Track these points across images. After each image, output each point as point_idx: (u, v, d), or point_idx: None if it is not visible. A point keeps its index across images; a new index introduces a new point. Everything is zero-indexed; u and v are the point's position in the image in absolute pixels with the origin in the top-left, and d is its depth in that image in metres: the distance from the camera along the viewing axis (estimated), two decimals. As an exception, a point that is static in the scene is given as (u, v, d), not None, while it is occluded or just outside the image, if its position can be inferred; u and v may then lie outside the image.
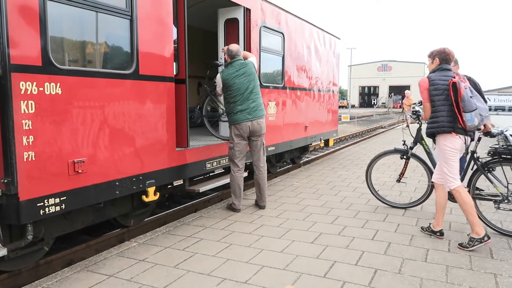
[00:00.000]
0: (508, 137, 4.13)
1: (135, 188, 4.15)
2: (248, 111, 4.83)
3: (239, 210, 5.03)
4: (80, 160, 3.53)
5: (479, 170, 4.13)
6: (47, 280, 3.17)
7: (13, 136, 3.03)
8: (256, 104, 4.90)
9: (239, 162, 4.99)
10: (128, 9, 3.95)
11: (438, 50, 4.00)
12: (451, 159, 3.83)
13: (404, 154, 5.10)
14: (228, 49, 4.92)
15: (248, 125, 4.84)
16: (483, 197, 4.23)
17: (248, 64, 4.92)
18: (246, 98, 4.83)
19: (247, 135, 4.92)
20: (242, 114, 4.81)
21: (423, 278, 3.10)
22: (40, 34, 3.18)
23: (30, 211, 3.17)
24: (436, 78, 3.90)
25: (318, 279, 3.11)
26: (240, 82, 4.81)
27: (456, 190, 3.82)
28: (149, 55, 4.23)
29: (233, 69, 4.84)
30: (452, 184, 3.84)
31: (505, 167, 4.06)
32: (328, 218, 4.71)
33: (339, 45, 10.53)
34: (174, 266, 3.38)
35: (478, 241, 3.66)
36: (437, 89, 3.86)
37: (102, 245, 4.51)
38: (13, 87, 3.01)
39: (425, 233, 4.13)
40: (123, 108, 3.94)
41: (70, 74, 3.47)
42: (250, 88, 4.85)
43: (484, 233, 3.68)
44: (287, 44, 7.39)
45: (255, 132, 4.93)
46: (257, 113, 4.88)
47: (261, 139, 5.08)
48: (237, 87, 4.80)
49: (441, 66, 3.96)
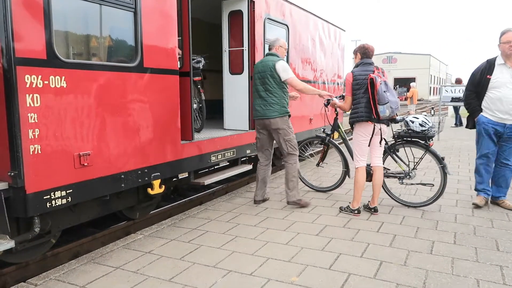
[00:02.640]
0: (408, 122, 4.70)
1: (140, 181, 4.17)
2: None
3: (258, 202, 4.99)
4: (85, 153, 3.54)
5: (385, 151, 4.74)
6: (55, 272, 3.20)
7: (19, 129, 3.04)
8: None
9: (259, 155, 4.97)
10: (132, 2, 3.94)
11: (358, 46, 4.48)
12: (362, 143, 4.41)
13: (323, 140, 5.54)
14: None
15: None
16: (389, 175, 4.87)
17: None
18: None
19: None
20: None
21: (428, 270, 3.10)
22: (44, 28, 3.18)
23: (37, 204, 3.19)
24: (357, 73, 4.34)
25: (323, 271, 3.12)
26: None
27: (358, 168, 4.48)
28: (153, 48, 4.22)
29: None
30: (358, 163, 4.49)
31: (407, 149, 4.77)
32: (333, 210, 4.71)
33: (344, 37, 10.45)
34: (180, 258, 3.40)
35: (350, 211, 4.49)
36: (358, 84, 4.31)
37: (108, 238, 4.55)
38: (19, 80, 3.02)
39: (344, 212, 4.55)
40: (127, 101, 3.95)
41: (75, 67, 3.47)
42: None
43: (356, 208, 4.47)
44: (291, 36, 7.35)
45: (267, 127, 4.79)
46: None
47: (279, 133, 4.76)
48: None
49: (363, 60, 4.41)
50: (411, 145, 4.72)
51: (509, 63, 4.45)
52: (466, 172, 6.74)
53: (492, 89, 4.50)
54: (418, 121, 4.57)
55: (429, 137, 4.57)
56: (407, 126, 4.67)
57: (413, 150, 4.77)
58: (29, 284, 3.00)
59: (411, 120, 4.64)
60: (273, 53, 4.82)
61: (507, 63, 4.46)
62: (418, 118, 4.60)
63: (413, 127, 4.59)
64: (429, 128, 4.56)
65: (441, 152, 8.75)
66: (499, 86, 4.45)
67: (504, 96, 4.41)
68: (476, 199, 4.77)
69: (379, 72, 4.27)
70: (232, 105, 6.36)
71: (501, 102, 4.44)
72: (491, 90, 4.51)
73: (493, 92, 4.49)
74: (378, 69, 4.32)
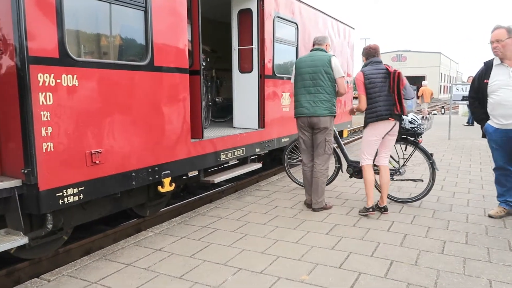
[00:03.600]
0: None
1: (151, 179, 4.20)
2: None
3: (309, 206, 4.69)
4: (97, 151, 3.58)
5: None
6: (67, 268, 3.24)
7: (32, 127, 3.08)
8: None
9: (302, 156, 4.80)
10: (142, 1, 3.96)
11: (363, 48, 4.51)
12: (373, 142, 4.38)
13: None
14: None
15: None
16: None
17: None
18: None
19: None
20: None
21: (440, 270, 3.08)
22: (57, 26, 3.21)
23: (49, 201, 3.23)
24: (369, 72, 4.29)
25: (333, 270, 3.11)
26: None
27: (364, 166, 4.44)
28: (164, 46, 4.24)
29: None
30: (364, 161, 4.44)
31: (396, 146, 4.77)
32: (342, 209, 4.69)
33: (353, 35, 10.39)
34: (190, 256, 3.42)
35: (365, 210, 4.41)
36: (371, 82, 4.26)
37: (119, 235, 4.59)
38: (32, 79, 3.06)
39: (362, 214, 4.44)
40: (138, 99, 3.97)
41: (87, 66, 3.50)
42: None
43: (371, 206, 4.40)
44: (301, 34, 7.33)
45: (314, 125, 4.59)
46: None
47: (325, 133, 4.58)
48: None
49: (372, 59, 4.39)
50: (400, 142, 4.75)
51: (507, 62, 4.02)
52: (477, 172, 6.67)
53: (491, 94, 4.11)
54: (408, 118, 4.58)
55: (418, 134, 4.61)
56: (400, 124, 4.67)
57: (403, 147, 4.83)
58: (42, 280, 3.04)
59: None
60: (323, 49, 4.62)
61: (505, 62, 4.03)
62: (408, 116, 4.61)
63: (403, 125, 4.56)
64: (418, 125, 4.56)
65: (453, 152, 8.73)
66: (497, 89, 4.05)
67: (503, 100, 4.00)
68: (493, 210, 4.41)
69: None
70: (241, 104, 6.37)
71: (502, 106, 4.02)
72: (490, 95, 4.12)
73: (493, 96, 4.09)
74: (389, 66, 4.30)
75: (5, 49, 3.10)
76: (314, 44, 4.72)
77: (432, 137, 11.27)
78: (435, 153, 8.57)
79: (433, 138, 11.17)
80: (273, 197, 5.30)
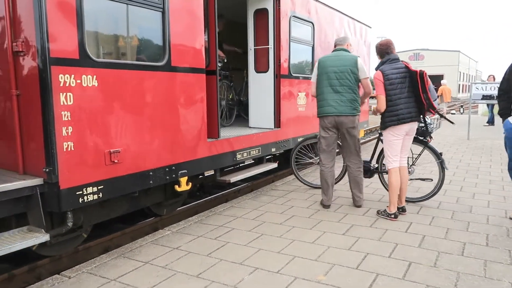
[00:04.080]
0: None
1: (168, 178, 4.24)
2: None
3: (328, 206, 4.72)
4: (116, 150, 3.63)
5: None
6: (87, 265, 3.30)
7: (53, 127, 3.15)
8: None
9: (321, 156, 4.77)
10: (160, 2, 4.00)
11: (375, 47, 4.39)
12: (394, 143, 4.28)
13: None
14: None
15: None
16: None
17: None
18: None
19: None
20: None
21: (460, 272, 3.02)
22: (77, 28, 3.28)
23: (70, 199, 3.30)
24: (389, 72, 4.15)
25: (350, 271, 3.09)
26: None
27: (391, 170, 4.32)
28: (181, 47, 4.28)
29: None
30: (391, 164, 4.32)
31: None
32: (359, 210, 4.65)
33: (369, 34, 10.29)
34: (207, 255, 3.44)
35: (387, 215, 4.30)
36: (392, 84, 4.14)
37: (137, 233, 4.65)
38: (53, 79, 3.13)
39: (380, 216, 4.37)
40: (156, 99, 4.02)
41: (106, 66, 3.56)
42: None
43: (393, 212, 4.28)
44: (317, 33, 7.29)
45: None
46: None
47: (353, 132, 4.64)
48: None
49: (388, 57, 4.24)
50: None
51: None
52: (498, 172, 6.52)
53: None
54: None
55: (428, 134, 4.59)
56: None
57: (412, 146, 4.75)
58: (63, 276, 3.10)
59: None
60: (346, 49, 4.66)
61: None
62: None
63: None
64: (428, 124, 4.54)
65: (472, 152, 8.55)
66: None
67: None
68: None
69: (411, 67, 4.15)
70: (257, 104, 6.38)
71: None
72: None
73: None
74: (408, 64, 4.19)
75: (27, 50, 3.18)
76: (336, 45, 4.75)
77: (452, 137, 11.07)
78: (454, 153, 8.44)
79: (452, 138, 10.97)
80: (289, 197, 5.29)
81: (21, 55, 3.21)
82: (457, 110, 29.68)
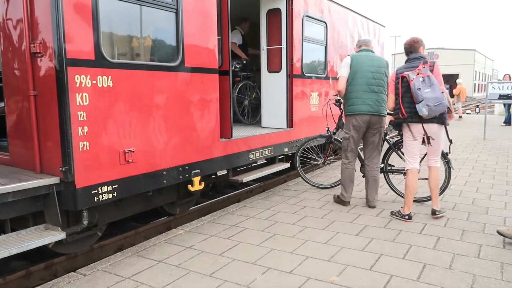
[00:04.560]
0: None
1: (181, 178, 4.27)
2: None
3: (348, 203, 4.81)
4: (130, 150, 3.67)
5: (390, 148, 4.95)
6: (101, 263, 3.35)
7: (69, 127, 3.20)
8: None
9: (349, 155, 4.78)
10: (173, 2, 4.03)
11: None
12: (409, 144, 4.27)
13: (328, 139, 5.58)
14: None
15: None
16: (394, 171, 5.08)
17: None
18: None
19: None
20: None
21: (476, 275, 2.98)
22: (93, 29, 3.32)
23: (85, 198, 3.35)
24: (400, 71, 4.17)
25: (364, 272, 3.07)
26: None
27: (408, 171, 4.31)
28: (194, 47, 4.30)
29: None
30: (409, 165, 4.31)
31: None
32: (373, 210, 4.61)
33: (383, 33, 10.20)
34: (220, 254, 3.45)
35: (401, 216, 4.27)
36: (398, 83, 4.14)
37: (150, 232, 4.69)
38: (69, 80, 3.18)
39: (394, 217, 4.34)
40: (169, 99, 4.05)
41: (120, 67, 3.60)
42: None
43: (407, 213, 4.24)
44: (329, 33, 7.26)
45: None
46: None
47: (381, 132, 4.76)
48: None
49: (409, 56, 4.23)
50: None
51: None
52: (516, 173, 6.39)
53: None
54: None
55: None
56: None
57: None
58: (78, 274, 3.15)
59: None
60: (372, 51, 4.77)
61: None
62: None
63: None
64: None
65: (488, 152, 8.40)
66: None
67: None
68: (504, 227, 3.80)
69: (424, 67, 3.99)
70: (270, 103, 6.38)
71: None
72: None
73: None
74: (426, 63, 4.05)
75: (45, 52, 3.23)
76: (361, 45, 4.79)
77: (467, 137, 10.90)
78: (470, 154, 8.30)
79: (468, 138, 10.80)
80: (302, 197, 5.28)
81: (38, 56, 3.28)
82: (472, 109, 29.21)
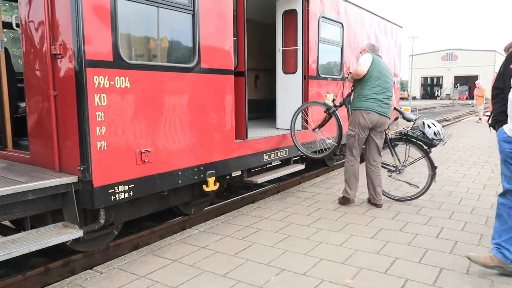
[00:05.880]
0: (425, 125, 4.73)
1: (196, 178, 4.31)
2: None
3: (353, 201, 4.87)
4: (146, 150, 3.72)
5: (385, 142, 4.93)
6: (117, 261, 3.40)
7: (88, 127, 3.26)
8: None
9: (355, 152, 4.83)
10: (190, 4, 4.07)
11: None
12: None
13: (328, 109, 5.45)
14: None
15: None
16: (383, 166, 5.01)
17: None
18: None
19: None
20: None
21: (494, 280, 2.92)
22: (111, 31, 3.38)
23: (103, 196, 3.41)
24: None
25: (378, 275, 3.04)
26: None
27: None
28: (210, 48, 4.34)
29: None
30: None
31: (405, 146, 4.95)
32: (388, 213, 4.57)
33: (400, 34, 10.09)
34: (233, 255, 3.47)
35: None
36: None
37: (165, 231, 4.74)
38: (88, 81, 3.24)
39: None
40: (185, 100, 4.09)
41: (138, 68, 3.65)
42: None
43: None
44: (346, 34, 7.21)
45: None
46: None
47: (382, 134, 4.85)
48: None
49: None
50: (412, 145, 4.86)
51: None
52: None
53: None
54: (435, 129, 4.66)
55: (433, 146, 4.72)
56: (422, 128, 4.74)
57: (411, 149, 4.93)
58: (95, 272, 3.21)
59: (429, 124, 4.71)
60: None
61: None
62: (436, 127, 4.68)
63: (426, 131, 4.67)
64: (439, 139, 4.66)
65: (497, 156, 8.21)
66: None
67: None
68: (479, 253, 3.20)
69: None
70: (285, 105, 6.37)
71: None
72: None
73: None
74: None
75: (65, 53, 3.31)
76: (375, 51, 4.90)
77: (483, 140, 10.67)
78: (489, 157, 8.13)
79: (485, 142, 10.58)
80: (316, 198, 5.26)
81: (58, 57, 3.35)
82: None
